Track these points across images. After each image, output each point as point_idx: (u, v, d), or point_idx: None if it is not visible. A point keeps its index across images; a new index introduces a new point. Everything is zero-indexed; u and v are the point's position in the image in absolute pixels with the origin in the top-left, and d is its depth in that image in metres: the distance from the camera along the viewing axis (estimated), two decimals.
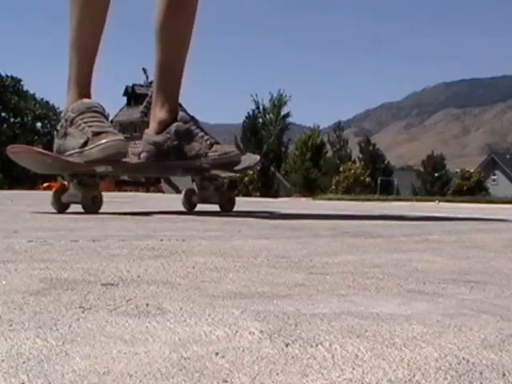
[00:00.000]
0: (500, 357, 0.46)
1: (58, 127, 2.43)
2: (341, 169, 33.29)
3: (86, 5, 2.36)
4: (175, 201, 4.84)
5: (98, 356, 0.44)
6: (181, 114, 2.61)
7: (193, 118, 2.63)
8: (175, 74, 2.65)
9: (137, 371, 0.41)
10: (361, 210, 4.08)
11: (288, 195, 23.27)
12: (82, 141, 2.25)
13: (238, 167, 2.62)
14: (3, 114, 42.85)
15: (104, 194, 2.37)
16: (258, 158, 2.92)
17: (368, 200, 12.13)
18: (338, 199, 10.07)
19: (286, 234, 1.64)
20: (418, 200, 12.90)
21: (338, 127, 46.53)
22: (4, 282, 0.73)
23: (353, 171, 32.53)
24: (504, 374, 0.42)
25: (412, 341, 0.50)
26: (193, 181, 2.82)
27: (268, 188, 25.93)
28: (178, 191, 16.59)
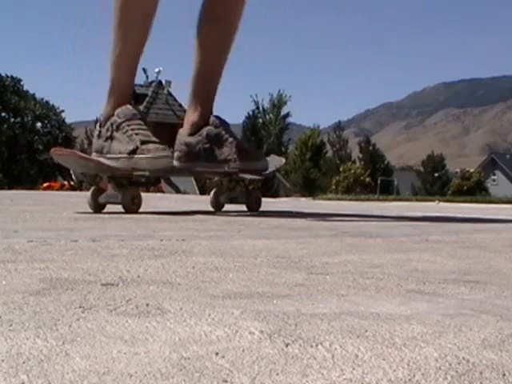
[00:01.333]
0: (500, 357, 0.46)
1: (100, 129, 2.52)
2: (341, 169, 33.29)
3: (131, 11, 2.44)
4: (175, 201, 4.84)
5: (98, 356, 0.44)
6: (212, 118, 2.69)
7: (224, 122, 2.69)
8: (212, 80, 2.73)
9: (137, 371, 0.41)
10: (361, 210, 4.08)
11: (288, 195, 23.27)
12: (130, 147, 2.37)
13: (264, 172, 2.71)
14: (3, 114, 42.85)
15: None
16: (283, 160, 3.07)
17: (368, 200, 12.13)
18: (338, 199, 10.07)
19: (286, 234, 1.64)
20: (418, 200, 12.90)
21: (338, 127, 46.53)
22: (4, 282, 0.73)
23: (353, 171, 32.53)
24: (504, 374, 0.42)
25: (412, 341, 0.50)
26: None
27: (268, 188, 25.94)
28: (178, 191, 16.65)
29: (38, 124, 44.98)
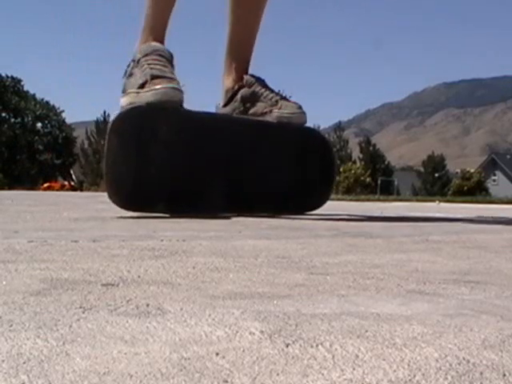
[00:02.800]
0: (500, 357, 0.46)
1: (126, 68, 2.40)
2: (341, 169, 33.29)
3: None
4: None
5: (98, 356, 0.44)
6: (245, 77, 2.60)
7: (258, 79, 2.60)
8: (245, 44, 2.66)
9: (137, 371, 0.41)
10: (361, 211, 4.08)
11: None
12: (140, 81, 2.23)
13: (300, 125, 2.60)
14: (3, 115, 42.87)
15: (104, 194, 2.37)
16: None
17: (368, 200, 12.12)
18: (339, 199, 10.08)
19: (287, 235, 1.64)
20: (418, 200, 12.90)
21: (339, 127, 46.51)
22: (4, 283, 0.73)
23: (353, 171, 32.53)
24: (504, 375, 0.42)
25: (412, 341, 0.50)
26: None
27: None
28: None
29: (39, 124, 45.01)
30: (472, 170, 38.14)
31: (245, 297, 0.68)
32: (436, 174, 44.12)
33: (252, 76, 2.61)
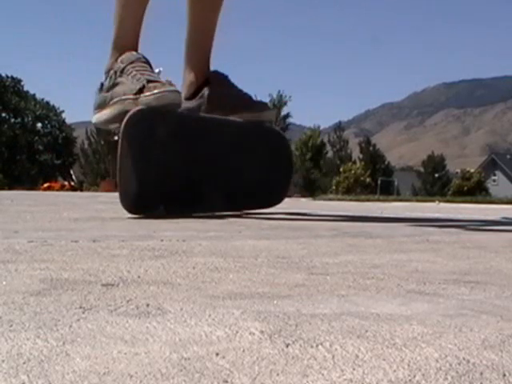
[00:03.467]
0: (500, 357, 0.46)
1: (102, 82, 2.41)
2: (341, 169, 33.31)
3: None
4: None
5: (98, 356, 0.44)
6: (212, 74, 2.62)
7: (224, 77, 2.63)
8: (206, 37, 2.67)
9: (137, 371, 0.41)
10: (361, 211, 4.08)
11: (288, 196, 23.25)
12: (137, 87, 2.23)
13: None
14: (3, 115, 42.87)
15: (104, 194, 2.37)
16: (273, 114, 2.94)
17: (368, 200, 12.12)
18: (339, 200, 10.07)
19: (287, 235, 1.64)
20: (418, 200, 12.90)
21: (339, 127, 46.55)
22: (4, 283, 0.73)
23: (353, 171, 32.53)
24: (504, 375, 0.42)
25: (412, 341, 0.50)
26: None
27: None
28: None
29: (39, 124, 45.02)
30: (472, 170, 38.14)
31: (245, 297, 0.68)
32: (436, 174, 44.14)
33: (217, 73, 2.65)
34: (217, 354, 0.45)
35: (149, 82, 2.22)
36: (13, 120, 43.23)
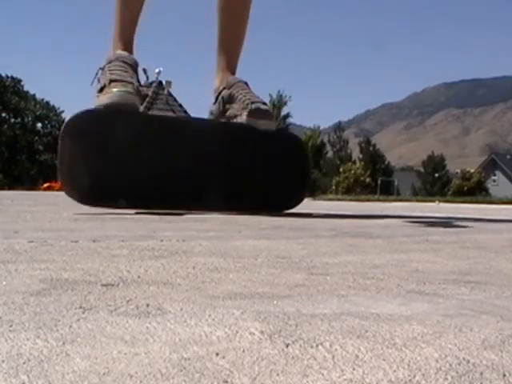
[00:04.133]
0: (500, 357, 0.46)
1: (94, 76, 2.55)
2: (341, 169, 33.30)
3: None
4: None
5: (98, 356, 0.44)
6: (227, 79, 2.75)
7: (240, 81, 2.74)
8: (232, 47, 2.82)
9: (137, 371, 0.41)
10: (361, 211, 4.08)
11: None
12: (99, 86, 2.39)
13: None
14: (3, 115, 42.86)
15: None
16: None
17: (368, 200, 12.13)
18: (339, 200, 10.07)
19: (287, 235, 1.64)
20: (418, 200, 12.90)
21: (339, 127, 46.55)
22: (4, 283, 0.73)
23: (353, 172, 32.53)
24: (504, 375, 0.42)
25: (412, 341, 0.50)
26: None
27: None
28: None
29: (39, 124, 45.00)
30: (472, 170, 38.13)
31: (245, 297, 0.68)
32: (436, 174, 44.12)
33: (234, 78, 2.76)
34: (217, 354, 0.45)
35: (111, 81, 2.34)
36: (13, 120, 43.22)
